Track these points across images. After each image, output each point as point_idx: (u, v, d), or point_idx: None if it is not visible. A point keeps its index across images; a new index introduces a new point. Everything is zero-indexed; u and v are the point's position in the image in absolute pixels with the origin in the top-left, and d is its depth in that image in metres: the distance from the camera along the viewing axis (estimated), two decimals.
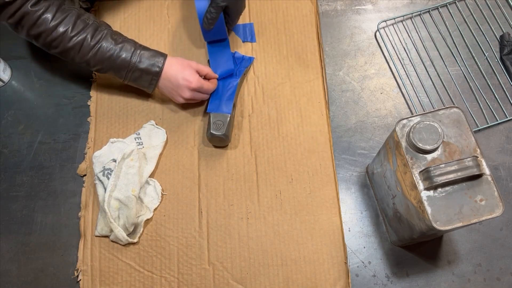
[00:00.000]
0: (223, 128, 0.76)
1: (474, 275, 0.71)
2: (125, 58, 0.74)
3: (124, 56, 0.74)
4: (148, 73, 0.76)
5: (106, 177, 0.76)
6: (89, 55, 0.74)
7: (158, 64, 0.75)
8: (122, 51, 0.74)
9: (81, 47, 0.73)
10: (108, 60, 0.74)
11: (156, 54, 0.76)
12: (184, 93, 0.77)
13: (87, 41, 0.73)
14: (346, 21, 0.91)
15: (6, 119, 0.86)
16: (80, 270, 0.74)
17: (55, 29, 0.71)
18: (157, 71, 0.76)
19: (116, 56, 0.74)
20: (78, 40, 0.73)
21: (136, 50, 0.75)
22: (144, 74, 0.76)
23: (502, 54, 0.84)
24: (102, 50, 0.74)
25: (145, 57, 0.75)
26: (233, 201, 0.77)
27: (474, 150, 0.57)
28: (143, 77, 0.76)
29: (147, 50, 0.76)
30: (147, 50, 0.76)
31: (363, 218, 0.76)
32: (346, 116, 0.83)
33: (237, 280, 0.72)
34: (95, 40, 0.73)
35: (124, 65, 0.75)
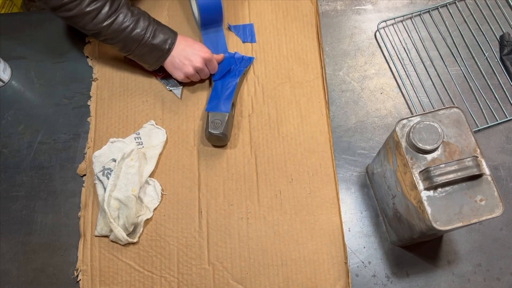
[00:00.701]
0: (221, 127, 0.76)
1: (474, 275, 0.71)
2: (139, 32, 0.74)
3: (139, 30, 0.74)
4: (159, 50, 0.76)
5: (106, 177, 0.76)
6: (104, 24, 0.72)
7: (169, 41, 0.76)
8: (137, 24, 0.74)
9: (98, 14, 0.71)
10: (123, 32, 0.73)
11: (169, 31, 0.77)
12: (195, 61, 0.77)
13: (105, 8, 0.71)
14: (346, 21, 0.91)
15: (6, 119, 0.86)
16: (80, 270, 0.74)
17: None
18: (168, 48, 0.77)
19: (131, 29, 0.73)
20: (97, 6, 0.71)
21: (150, 24, 0.75)
22: (155, 50, 0.76)
23: (502, 54, 0.84)
24: (118, 21, 0.72)
25: (159, 33, 0.75)
26: (233, 201, 0.77)
27: (474, 150, 0.57)
28: (153, 53, 0.77)
29: (160, 26, 0.77)
30: (161, 26, 0.77)
31: (363, 218, 0.76)
32: (346, 116, 0.83)
33: (237, 280, 0.72)
34: (113, 9, 0.72)
35: (137, 39, 0.74)
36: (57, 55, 0.91)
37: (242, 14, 0.91)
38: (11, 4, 1.35)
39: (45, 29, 0.93)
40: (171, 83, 0.85)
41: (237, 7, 0.91)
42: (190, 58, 0.78)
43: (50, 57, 0.91)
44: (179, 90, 0.85)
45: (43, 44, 0.92)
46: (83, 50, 0.90)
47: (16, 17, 0.97)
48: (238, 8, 0.91)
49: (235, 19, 0.90)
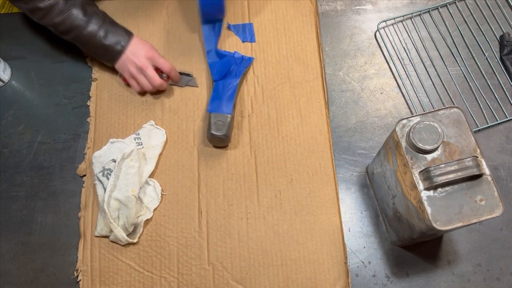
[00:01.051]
0: (223, 128, 0.76)
1: (474, 275, 0.71)
2: (90, 32, 0.76)
3: (90, 29, 0.76)
4: (110, 50, 0.78)
5: (105, 177, 0.76)
6: (56, 20, 0.75)
7: (122, 42, 0.78)
8: (89, 23, 0.76)
9: (51, 10, 0.74)
10: (75, 29, 0.76)
11: (123, 32, 0.78)
12: (137, 60, 0.78)
13: (58, 5, 0.74)
14: (346, 21, 0.91)
15: (6, 119, 0.86)
16: (80, 270, 0.74)
17: None
18: (119, 49, 0.78)
19: (83, 27, 0.76)
20: (50, 3, 0.74)
21: (103, 25, 0.77)
22: (107, 50, 0.78)
23: (502, 54, 0.84)
24: (70, 18, 0.75)
25: (111, 34, 0.77)
26: (233, 201, 0.77)
27: (474, 150, 0.57)
28: (105, 53, 0.79)
29: (114, 26, 0.78)
30: (115, 27, 0.78)
31: (363, 218, 0.76)
32: (346, 116, 0.83)
33: (237, 280, 0.72)
34: (66, 6, 0.75)
35: (88, 38, 0.77)
36: (57, 55, 0.91)
37: (241, 13, 0.91)
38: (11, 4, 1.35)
39: (45, 29, 0.93)
40: (182, 80, 0.85)
41: (237, 6, 0.91)
42: (135, 55, 0.78)
43: (50, 57, 0.91)
44: (193, 80, 0.85)
45: (43, 44, 0.92)
46: None
47: (16, 17, 0.97)
48: (237, 8, 0.91)
49: (235, 18, 0.90)
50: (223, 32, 0.89)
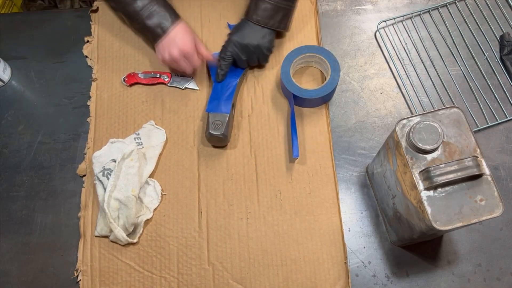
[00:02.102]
0: (221, 128, 0.76)
1: (474, 275, 0.71)
2: (135, 8, 0.76)
3: (135, 6, 0.76)
4: (151, 31, 0.78)
5: (105, 177, 0.76)
6: None
7: (164, 26, 0.77)
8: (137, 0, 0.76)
9: None
10: (121, 3, 0.78)
11: (169, 16, 0.77)
12: (171, 51, 0.77)
13: None
14: (346, 21, 0.91)
15: (6, 119, 0.86)
16: (80, 270, 0.74)
17: None
18: (159, 33, 0.77)
19: (129, 3, 0.77)
20: None
21: (150, 3, 0.76)
22: (147, 30, 0.78)
23: (502, 54, 0.84)
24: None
25: (155, 15, 0.76)
26: (233, 201, 0.77)
27: (474, 150, 0.57)
28: (146, 33, 0.80)
29: (161, 7, 0.77)
30: (161, 8, 0.77)
31: (363, 218, 0.76)
32: (346, 116, 0.83)
33: (237, 280, 0.72)
34: None
35: (132, 14, 0.77)
36: (57, 55, 0.91)
37: (242, 13, 0.90)
38: (11, 4, 1.35)
39: (45, 29, 0.93)
40: (182, 83, 0.85)
41: (237, 7, 0.91)
42: (170, 45, 0.77)
43: (50, 57, 0.91)
44: (193, 83, 0.85)
45: (43, 44, 0.92)
46: (83, 50, 0.90)
47: (16, 17, 0.97)
48: (238, 8, 0.91)
49: (235, 19, 0.90)
50: (223, 32, 0.89)
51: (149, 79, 0.85)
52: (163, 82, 0.85)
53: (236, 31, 0.80)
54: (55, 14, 0.97)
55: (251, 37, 0.79)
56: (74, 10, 1.24)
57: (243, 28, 0.80)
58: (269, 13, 0.79)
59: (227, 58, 0.80)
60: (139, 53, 0.89)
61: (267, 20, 0.79)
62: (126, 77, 0.86)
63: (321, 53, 0.81)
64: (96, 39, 0.90)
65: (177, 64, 0.79)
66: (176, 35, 0.77)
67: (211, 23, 0.90)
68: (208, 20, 0.91)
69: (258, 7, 0.79)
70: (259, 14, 0.79)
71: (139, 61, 0.88)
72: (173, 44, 0.77)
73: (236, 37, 0.79)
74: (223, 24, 0.90)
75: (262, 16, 0.79)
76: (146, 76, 0.85)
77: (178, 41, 0.77)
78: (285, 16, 0.81)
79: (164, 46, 0.78)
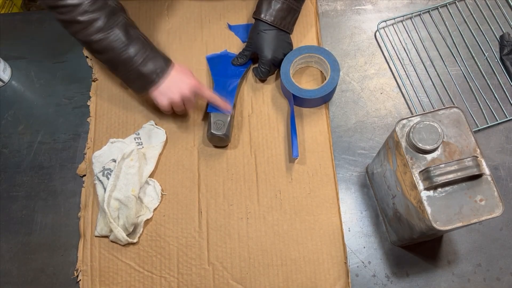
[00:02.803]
0: (223, 128, 0.77)
1: (474, 275, 0.71)
2: (128, 56, 0.70)
3: (128, 54, 0.69)
4: (145, 79, 0.72)
5: (105, 177, 0.76)
6: (93, 38, 0.68)
7: (159, 71, 0.72)
8: (128, 47, 0.69)
9: (89, 26, 0.67)
10: (111, 51, 0.69)
11: (162, 61, 0.72)
12: (184, 88, 0.73)
13: (98, 22, 0.67)
14: (346, 21, 0.91)
15: (6, 119, 0.86)
16: (80, 270, 0.74)
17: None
18: (154, 79, 0.72)
19: (121, 51, 0.69)
20: (90, 18, 0.66)
21: (142, 51, 0.70)
22: (141, 78, 0.72)
23: (502, 54, 0.84)
24: (109, 39, 0.68)
25: (149, 61, 0.71)
26: (233, 201, 0.77)
27: (474, 150, 0.57)
28: (139, 81, 0.73)
29: (154, 53, 0.72)
30: (154, 54, 0.72)
31: (363, 218, 0.76)
32: (346, 116, 0.83)
33: (237, 280, 0.72)
34: (107, 25, 0.67)
35: (125, 62, 0.70)
36: (57, 55, 0.91)
37: (242, 14, 0.91)
38: (11, 4, 1.35)
39: (45, 29, 0.93)
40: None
41: (237, 7, 0.91)
42: (178, 85, 0.73)
43: (50, 57, 0.91)
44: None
45: (43, 44, 0.92)
46: (83, 50, 0.90)
47: (16, 17, 0.97)
48: (238, 8, 0.91)
49: (235, 19, 0.90)
50: (223, 32, 0.89)
51: None
52: None
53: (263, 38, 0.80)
54: None
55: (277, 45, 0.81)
56: None
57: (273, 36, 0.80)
58: (283, 13, 0.79)
59: (246, 57, 0.83)
60: None
61: (279, 21, 0.79)
62: None
63: (321, 53, 0.81)
64: None
65: (176, 109, 0.76)
66: (176, 73, 0.74)
67: (211, 23, 0.90)
68: (208, 21, 0.91)
69: (271, 6, 0.79)
70: (273, 14, 0.79)
71: None
72: (180, 83, 0.73)
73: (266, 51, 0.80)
74: (223, 24, 0.90)
75: (276, 17, 0.79)
76: None
77: (184, 79, 0.73)
78: (293, 18, 0.82)
79: (167, 88, 0.73)
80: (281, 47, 0.81)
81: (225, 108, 0.77)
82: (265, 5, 0.79)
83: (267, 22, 0.79)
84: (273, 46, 0.80)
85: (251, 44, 0.82)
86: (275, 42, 0.80)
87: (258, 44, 0.80)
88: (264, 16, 0.79)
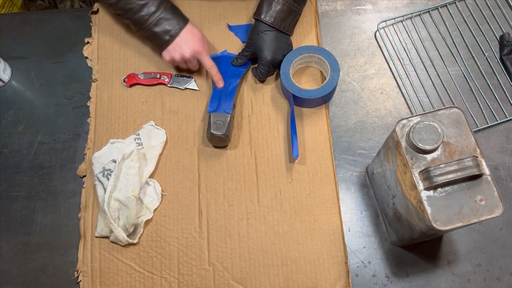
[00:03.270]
0: (223, 128, 0.77)
1: (474, 275, 0.71)
2: (142, 16, 0.77)
3: (142, 14, 0.77)
4: (158, 38, 0.78)
5: (106, 177, 0.76)
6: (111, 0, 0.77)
7: (172, 32, 0.78)
8: (143, 8, 0.76)
9: None
10: (128, 12, 0.78)
11: (176, 21, 0.78)
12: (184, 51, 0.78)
13: None
14: (346, 21, 0.91)
15: (6, 119, 0.86)
16: (80, 271, 0.74)
17: None
18: (167, 39, 0.78)
19: (135, 11, 0.77)
20: None
21: (157, 11, 0.77)
22: (154, 37, 0.79)
23: (502, 54, 0.84)
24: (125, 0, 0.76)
25: (163, 22, 0.77)
26: (233, 201, 0.77)
27: (474, 150, 0.57)
28: (153, 40, 0.80)
29: (169, 14, 0.78)
30: (169, 14, 0.78)
31: (363, 218, 0.76)
32: (346, 116, 0.83)
33: (238, 281, 0.72)
34: None
35: (139, 22, 0.78)
36: (57, 55, 0.91)
37: (242, 14, 0.91)
38: (11, 4, 1.35)
39: (45, 29, 0.93)
40: (182, 83, 0.85)
41: (237, 7, 0.91)
42: (182, 47, 0.78)
43: (50, 57, 0.91)
44: (193, 83, 0.85)
45: (43, 44, 0.92)
46: (83, 50, 0.90)
47: (16, 17, 0.97)
48: (238, 8, 0.91)
49: (235, 19, 0.90)
50: (223, 33, 0.89)
51: (149, 79, 0.85)
52: (163, 82, 0.85)
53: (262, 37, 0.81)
54: (55, 14, 0.97)
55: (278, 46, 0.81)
56: (74, 10, 1.24)
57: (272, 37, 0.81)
58: (283, 15, 0.80)
59: (245, 57, 0.84)
60: (139, 54, 0.89)
61: (279, 22, 0.80)
62: (126, 77, 0.86)
63: (320, 53, 0.81)
64: (96, 40, 0.90)
65: (180, 66, 0.82)
66: (185, 38, 0.78)
67: (211, 23, 0.90)
68: (208, 21, 0.91)
69: (271, 8, 0.79)
70: (273, 15, 0.79)
71: (139, 62, 0.88)
72: (182, 46, 0.78)
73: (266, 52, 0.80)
74: (222, 24, 0.90)
75: (276, 18, 0.79)
76: (146, 77, 0.85)
77: (188, 43, 0.78)
78: (293, 20, 0.83)
79: (171, 50, 0.79)
80: (280, 49, 0.81)
81: (217, 82, 0.82)
82: (266, 6, 0.79)
83: (267, 23, 0.79)
84: (273, 47, 0.80)
85: (251, 44, 0.82)
86: (275, 43, 0.80)
87: (258, 45, 0.80)
88: (264, 17, 0.79)
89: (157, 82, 0.85)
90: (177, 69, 0.87)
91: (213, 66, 0.81)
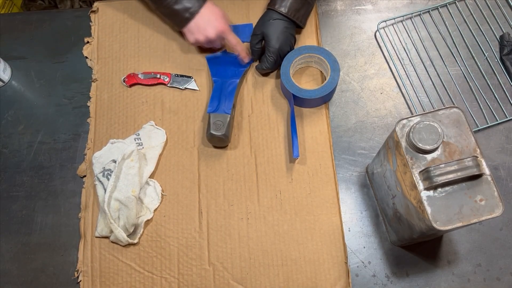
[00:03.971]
0: (222, 128, 0.77)
1: (474, 275, 0.71)
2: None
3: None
4: (178, 16, 0.78)
5: (106, 177, 0.76)
6: None
7: (192, 9, 0.77)
8: None
9: None
10: None
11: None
12: (209, 32, 0.78)
13: None
14: (346, 21, 0.91)
15: (6, 119, 0.86)
16: (80, 271, 0.74)
17: None
18: (187, 17, 0.78)
19: None
20: None
21: None
22: (174, 15, 0.79)
23: (502, 54, 0.84)
24: None
25: None
26: (233, 201, 0.77)
27: (474, 150, 0.57)
28: (172, 17, 0.80)
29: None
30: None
31: (363, 218, 0.76)
32: (346, 116, 0.83)
33: (238, 281, 0.72)
34: None
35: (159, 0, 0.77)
36: (57, 55, 0.91)
37: (241, 14, 0.91)
38: (11, 4, 1.35)
39: (45, 29, 0.93)
40: (182, 83, 0.85)
41: (237, 7, 0.91)
42: (205, 27, 0.78)
43: (50, 57, 0.91)
44: (193, 83, 0.85)
45: (43, 44, 0.92)
46: (83, 50, 0.90)
47: (16, 17, 0.97)
48: (238, 8, 0.91)
49: (235, 19, 0.90)
50: None
51: (149, 79, 0.85)
52: (163, 82, 0.85)
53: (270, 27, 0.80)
54: (55, 14, 0.97)
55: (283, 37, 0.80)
56: (74, 10, 1.24)
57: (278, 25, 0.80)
58: (297, 5, 0.79)
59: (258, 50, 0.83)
60: (139, 54, 0.89)
61: (293, 12, 0.79)
62: (126, 77, 0.86)
63: (320, 53, 0.81)
64: (96, 40, 0.90)
65: (204, 46, 0.83)
66: (207, 18, 0.78)
67: None
68: None
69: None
70: (287, 5, 0.79)
71: (139, 62, 0.88)
72: (208, 26, 0.78)
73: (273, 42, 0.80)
74: None
75: (290, 8, 0.79)
76: (146, 77, 0.85)
77: (210, 23, 0.78)
78: (307, 11, 0.82)
79: (192, 30, 0.79)
80: (288, 40, 0.81)
81: (245, 57, 0.82)
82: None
83: (282, 13, 0.79)
84: (282, 36, 0.80)
85: (259, 32, 0.81)
86: (284, 33, 0.80)
87: (268, 32, 0.80)
88: (278, 7, 0.79)
89: (157, 82, 0.85)
90: (199, 48, 0.87)
91: (239, 43, 0.81)
